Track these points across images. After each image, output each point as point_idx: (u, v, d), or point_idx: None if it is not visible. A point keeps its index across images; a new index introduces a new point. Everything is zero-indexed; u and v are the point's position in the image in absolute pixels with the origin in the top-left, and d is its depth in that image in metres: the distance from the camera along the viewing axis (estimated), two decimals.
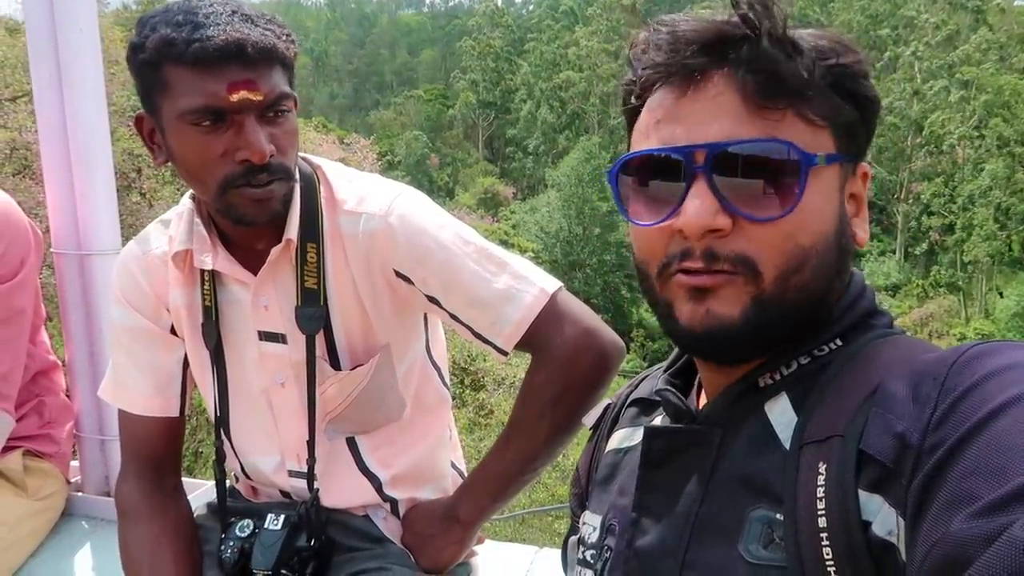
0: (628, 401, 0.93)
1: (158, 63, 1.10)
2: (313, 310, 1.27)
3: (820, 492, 0.63)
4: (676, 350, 0.86)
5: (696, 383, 0.85)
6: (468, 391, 11.57)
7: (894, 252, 39.62)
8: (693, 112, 0.69)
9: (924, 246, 37.86)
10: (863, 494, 0.61)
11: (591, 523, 0.87)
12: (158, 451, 1.40)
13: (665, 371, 0.87)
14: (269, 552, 1.26)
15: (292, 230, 1.24)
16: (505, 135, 61.84)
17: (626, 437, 0.89)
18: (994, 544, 0.48)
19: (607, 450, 0.90)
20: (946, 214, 36.26)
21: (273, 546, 1.27)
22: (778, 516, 0.66)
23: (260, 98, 1.11)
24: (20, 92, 9.19)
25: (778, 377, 0.73)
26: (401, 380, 1.37)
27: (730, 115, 0.68)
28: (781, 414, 0.71)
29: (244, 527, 1.31)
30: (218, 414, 1.37)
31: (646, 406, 0.90)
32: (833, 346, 0.72)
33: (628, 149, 0.77)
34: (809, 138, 0.68)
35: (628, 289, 37.51)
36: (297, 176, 1.25)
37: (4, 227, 1.56)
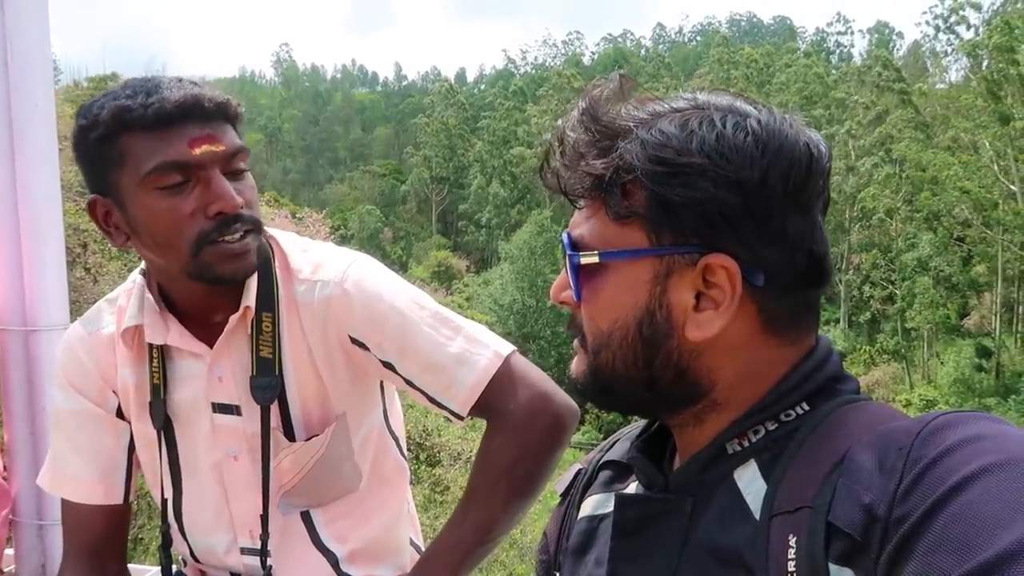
0: (600, 464, 0.92)
1: (113, 135, 1.11)
2: (268, 380, 1.25)
3: (791, 566, 0.63)
4: None
5: (672, 444, 0.85)
6: (423, 466, 11.32)
7: (839, 321, 40.69)
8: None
9: (867, 315, 39.03)
10: (833, 567, 0.61)
11: None
12: (101, 539, 1.34)
13: (639, 436, 0.87)
14: None
15: (250, 298, 1.23)
16: (458, 209, 62.61)
17: (600, 504, 0.87)
18: None
19: (580, 517, 0.89)
20: (886, 284, 37.58)
21: None
22: None
23: (222, 149, 1.13)
24: None
25: (746, 443, 0.73)
26: (357, 450, 1.35)
27: (583, 216, 0.78)
28: (750, 482, 0.71)
29: None
30: (165, 496, 1.33)
31: (619, 470, 0.89)
32: (800, 411, 0.72)
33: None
34: (613, 233, 0.73)
35: None
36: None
37: None
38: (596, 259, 0.74)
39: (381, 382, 1.39)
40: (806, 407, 0.72)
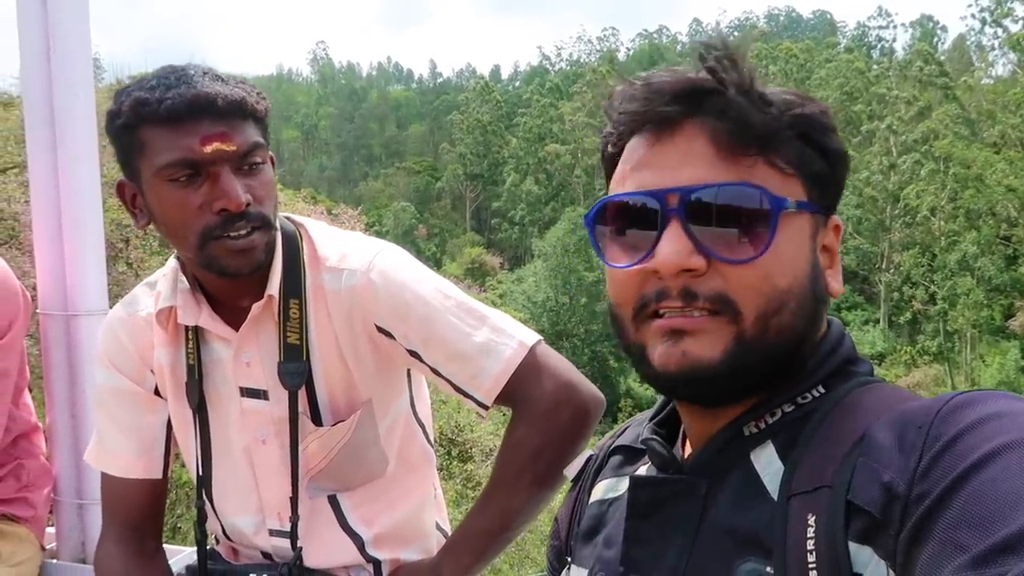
0: (611, 449, 0.92)
1: (134, 125, 1.15)
2: (295, 366, 1.28)
3: (810, 544, 0.62)
4: (662, 399, 0.86)
5: (681, 432, 0.84)
6: (456, 462, 11.39)
7: (878, 321, 39.96)
8: (666, 158, 0.72)
9: (908, 315, 38.24)
10: (853, 545, 0.60)
11: None
12: (140, 514, 1.39)
13: (651, 420, 0.86)
14: None
15: (274, 286, 1.26)
16: (492, 206, 62.73)
17: (610, 488, 0.88)
18: None
19: (591, 501, 0.89)
20: (927, 284, 36.78)
21: None
22: (768, 569, 0.65)
23: (234, 148, 1.15)
24: (10, 164, 9.29)
25: (763, 425, 0.73)
26: (384, 436, 1.37)
27: (702, 161, 0.70)
28: (767, 463, 0.71)
29: None
30: (200, 474, 1.37)
31: (630, 454, 0.89)
32: (816, 393, 0.73)
33: None
34: (779, 185, 0.71)
35: (616, 359, 37.45)
36: (279, 229, 1.29)
37: None
38: (795, 208, 0.71)
39: (408, 370, 1.41)
40: (822, 389, 0.73)
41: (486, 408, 1.29)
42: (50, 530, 1.89)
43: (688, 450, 0.82)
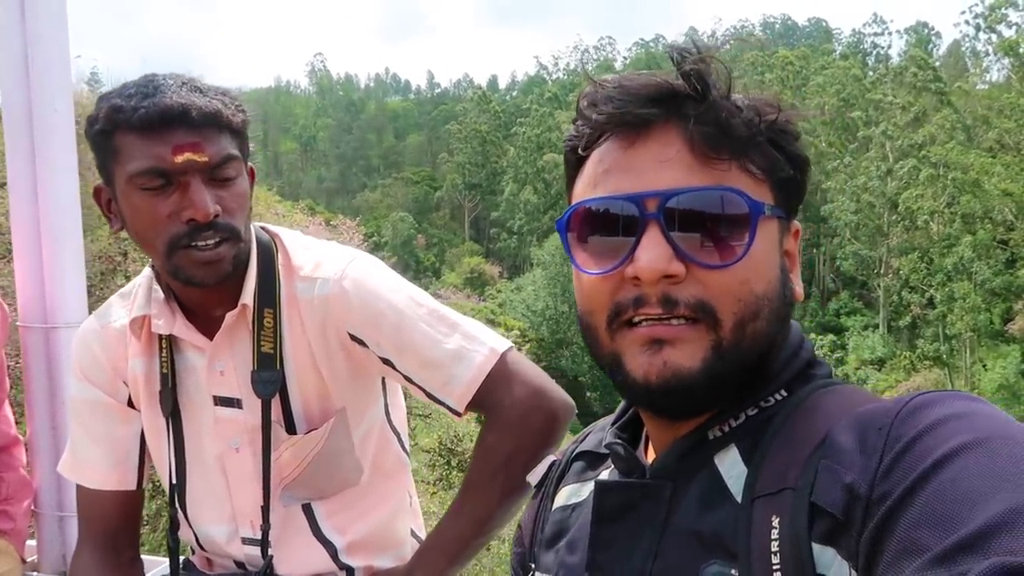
0: (574, 455, 0.92)
1: (110, 131, 1.16)
2: (269, 374, 1.29)
3: (774, 546, 0.62)
4: (623, 403, 0.86)
5: (644, 436, 0.85)
6: (455, 472, 11.36)
7: (877, 326, 39.93)
8: (643, 162, 0.71)
9: (907, 320, 38.22)
10: (816, 547, 0.61)
11: None
12: (115, 525, 1.39)
13: (613, 424, 0.86)
14: None
15: (248, 295, 1.27)
16: (490, 216, 62.81)
17: (573, 493, 0.87)
18: None
19: (554, 507, 0.89)
20: (926, 288, 36.78)
21: None
22: (732, 571, 0.65)
23: (205, 159, 1.15)
24: (4, 180, 9.30)
25: (726, 429, 0.73)
26: (358, 444, 1.37)
27: (679, 165, 0.69)
28: (731, 466, 0.71)
29: None
30: (173, 482, 1.37)
31: (593, 460, 0.89)
32: (779, 396, 0.73)
33: (568, 202, 0.78)
34: (753, 190, 0.71)
35: None
36: (253, 240, 1.29)
37: None
38: (770, 212, 0.71)
39: (383, 378, 1.41)
40: (784, 393, 0.73)
41: (459, 415, 1.29)
42: (31, 543, 1.89)
43: (651, 454, 0.81)
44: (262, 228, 1.36)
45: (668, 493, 0.73)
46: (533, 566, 0.89)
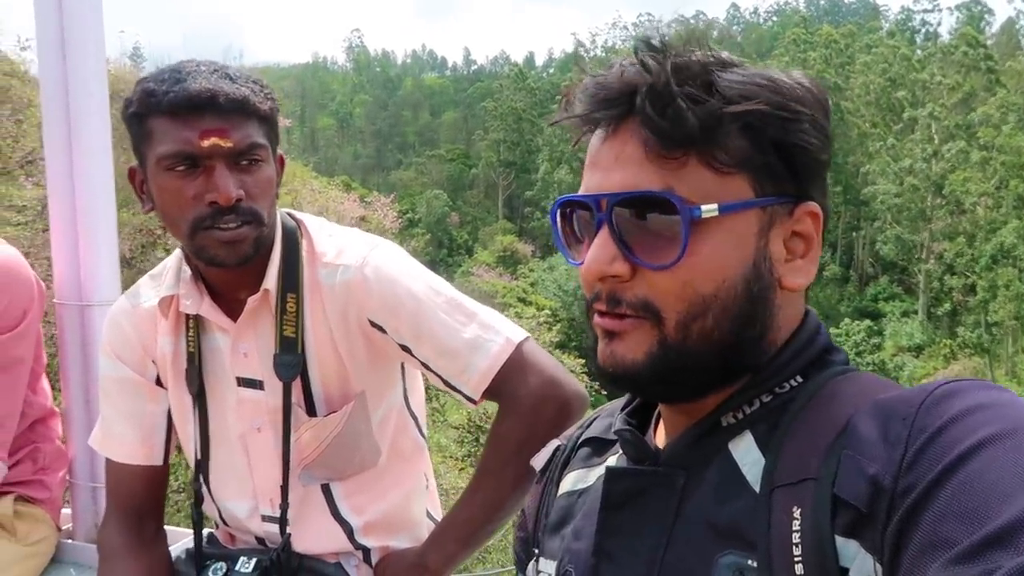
0: (580, 441, 0.91)
1: (143, 114, 1.19)
2: (291, 357, 1.32)
3: (796, 538, 0.61)
4: None
5: (653, 420, 0.84)
6: (482, 449, 11.47)
7: (916, 313, 39.15)
8: (606, 160, 0.71)
9: (947, 306, 37.41)
10: (839, 540, 0.59)
11: (546, 570, 0.86)
12: (140, 498, 1.44)
13: (622, 410, 0.85)
14: None
15: (270, 280, 1.30)
16: (524, 195, 62.65)
17: (579, 479, 0.87)
18: None
19: (559, 493, 0.89)
20: (968, 274, 35.92)
21: None
22: (750, 562, 0.64)
23: (230, 145, 1.18)
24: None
25: (740, 416, 0.72)
26: (377, 428, 1.40)
27: (633, 164, 0.69)
28: (746, 454, 0.70)
29: (217, 570, 1.34)
30: (198, 458, 1.41)
31: (599, 445, 0.88)
32: (794, 383, 0.72)
33: None
34: (714, 185, 0.68)
35: None
36: (278, 226, 1.32)
37: (8, 280, 1.63)
38: (716, 212, 0.68)
39: (402, 364, 1.43)
40: (800, 379, 0.72)
41: (474, 403, 1.31)
42: (66, 511, 1.96)
43: (660, 437, 0.81)
44: (288, 214, 1.38)
45: (681, 481, 0.72)
46: (537, 551, 0.90)
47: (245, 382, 1.36)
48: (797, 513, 0.62)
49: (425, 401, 1.57)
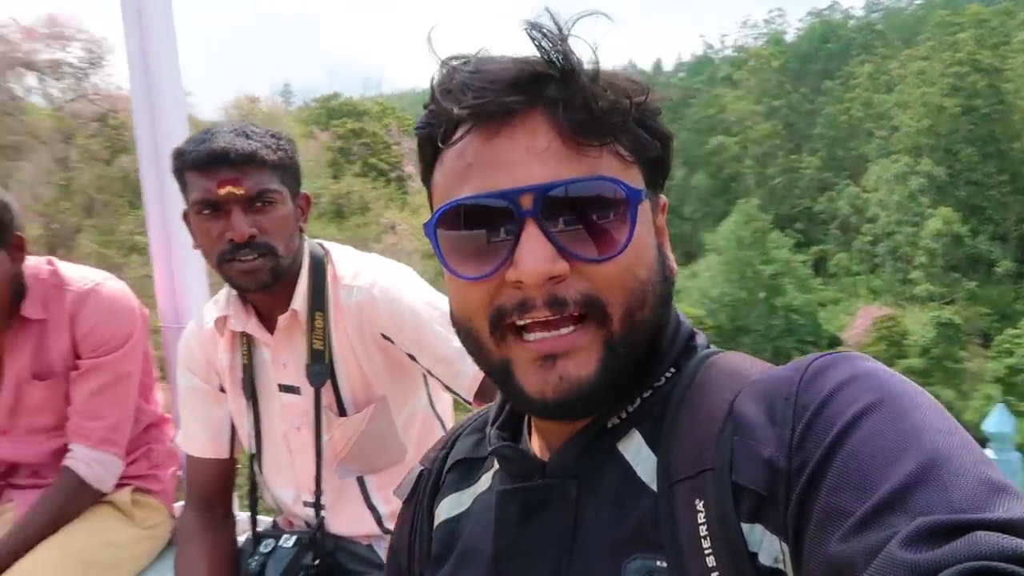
0: (447, 466, 0.87)
1: (180, 170, 1.46)
2: (319, 367, 1.54)
3: (703, 531, 0.61)
4: (499, 402, 0.83)
5: (525, 430, 0.80)
6: None
7: None
8: (511, 154, 0.64)
9: None
10: (744, 526, 0.60)
11: None
12: (211, 486, 1.71)
13: (492, 425, 0.81)
14: (279, 565, 1.52)
15: (297, 302, 1.53)
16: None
17: (454, 504, 0.84)
18: (873, 564, 0.48)
19: (436, 524, 0.85)
20: None
21: (282, 561, 1.52)
22: (659, 563, 0.63)
23: (242, 192, 1.42)
24: None
25: (623, 416, 0.71)
26: (401, 428, 1.59)
27: (551, 155, 0.64)
28: (637, 452, 0.69)
29: (266, 545, 1.58)
30: (253, 452, 1.67)
31: (468, 466, 0.85)
32: (668, 375, 0.72)
33: (429, 198, 0.73)
34: (625, 174, 0.67)
35: (800, 353, 35.51)
36: (305, 254, 1.55)
37: (115, 310, 1.97)
38: (645, 197, 0.68)
39: (424, 375, 1.62)
40: (673, 370, 0.72)
41: (469, 404, 1.48)
42: (178, 504, 2.29)
43: (535, 446, 0.78)
44: (318, 244, 1.61)
45: (574, 491, 0.70)
46: None
47: (285, 388, 1.60)
48: (700, 505, 0.62)
49: (453, 404, 1.75)
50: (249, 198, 1.43)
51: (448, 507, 0.84)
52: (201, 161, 1.41)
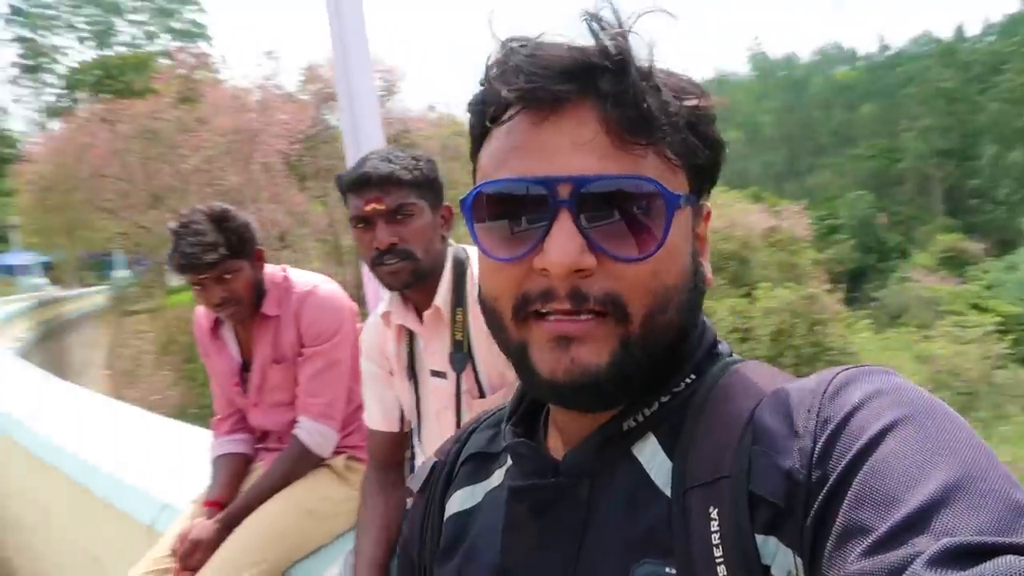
0: (461, 459, 0.88)
1: (343, 191, 1.74)
2: (460, 356, 1.75)
3: (716, 539, 0.60)
4: (515, 397, 0.84)
5: (541, 429, 0.80)
6: None
7: None
8: (555, 142, 0.64)
9: None
10: (759, 537, 0.59)
11: None
12: (384, 454, 2.00)
13: (508, 421, 0.81)
14: None
15: (439, 299, 1.76)
16: (967, 185, 54.28)
17: (466, 498, 0.84)
18: None
19: (447, 516, 0.85)
20: None
21: None
22: (668, 570, 0.62)
23: (383, 207, 1.66)
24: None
25: (641, 418, 0.70)
26: None
27: (595, 148, 0.63)
28: (652, 457, 0.69)
29: None
30: (414, 426, 1.94)
31: (482, 460, 0.85)
32: (689, 380, 0.71)
33: (474, 174, 0.73)
34: (669, 177, 0.66)
35: None
36: (448, 258, 1.78)
37: (326, 306, 2.37)
38: (685, 203, 0.67)
39: None
40: (694, 375, 0.72)
41: None
42: None
43: (552, 445, 0.78)
44: (463, 248, 1.84)
45: (587, 491, 0.70)
46: None
47: (435, 373, 1.84)
48: (715, 513, 0.61)
49: None
50: (390, 212, 1.68)
51: (459, 500, 0.85)
52: (352, 184, 1.70)
